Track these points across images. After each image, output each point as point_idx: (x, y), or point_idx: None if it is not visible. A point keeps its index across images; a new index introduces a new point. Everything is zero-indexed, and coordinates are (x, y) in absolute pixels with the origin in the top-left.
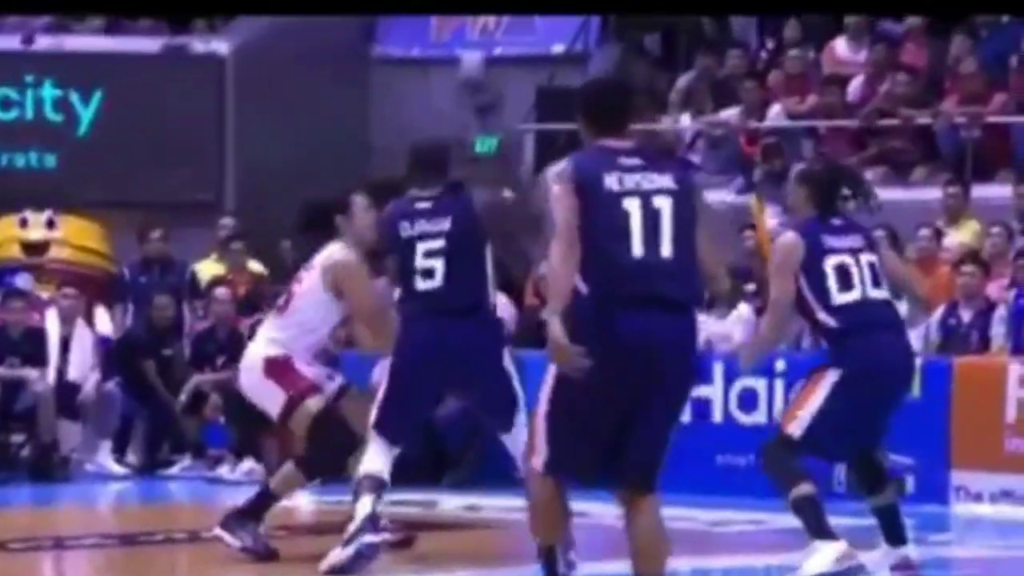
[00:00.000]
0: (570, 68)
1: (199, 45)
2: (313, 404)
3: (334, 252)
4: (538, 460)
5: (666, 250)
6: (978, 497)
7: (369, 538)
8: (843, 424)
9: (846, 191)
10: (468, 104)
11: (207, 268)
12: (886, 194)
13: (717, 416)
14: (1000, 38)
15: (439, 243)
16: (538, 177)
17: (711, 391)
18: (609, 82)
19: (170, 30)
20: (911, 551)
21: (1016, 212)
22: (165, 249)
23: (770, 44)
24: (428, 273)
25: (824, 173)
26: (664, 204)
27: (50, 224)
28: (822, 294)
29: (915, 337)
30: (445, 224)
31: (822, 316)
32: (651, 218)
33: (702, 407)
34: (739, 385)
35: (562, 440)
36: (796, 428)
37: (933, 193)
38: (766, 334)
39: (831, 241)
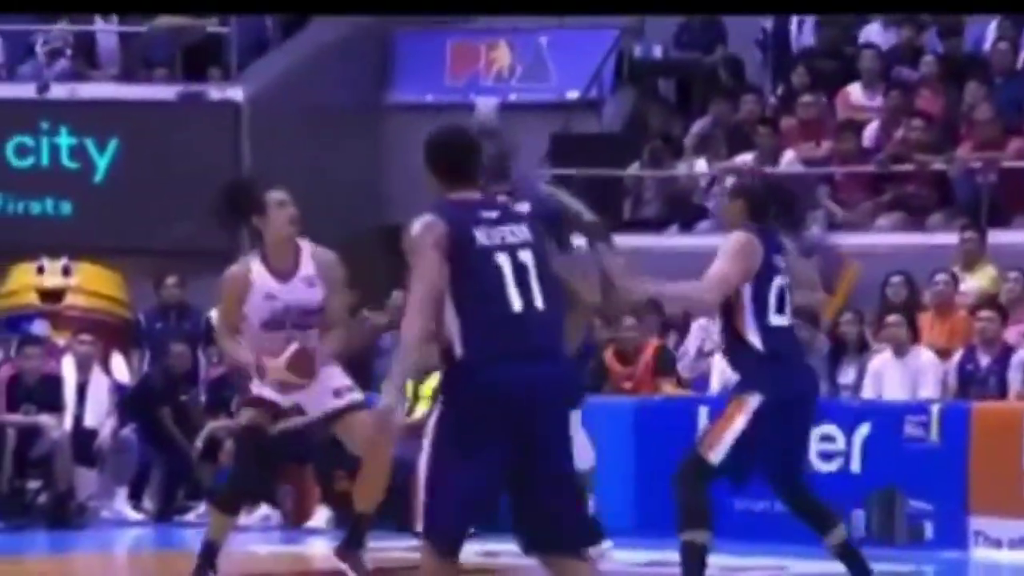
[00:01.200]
0: (585, 114)
1: (214, 92)
2: (243, 417)
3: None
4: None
5: (539, 302)
6: (997, 543)
7: None
8: (760, 450)
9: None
10: (483, 150)
11: None
12: (902, 240)
13: None
14: (1015, 84)
15: None
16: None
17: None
18: (455, 132)
19: (185, 77)
20: None
21: None
22: (181, 296)
23: (780, 90)
24: None
25: (760, 186)
26: (527, 257)
27: (66, 271)
28: (762, 311)
29: (932, 383)
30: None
31: (752, 337)
32: (520, 272)
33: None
34: None
35: (443, 503)
36: (715, 454)
37: (949, 239)
38: (693, 297)
39: (777, 260)
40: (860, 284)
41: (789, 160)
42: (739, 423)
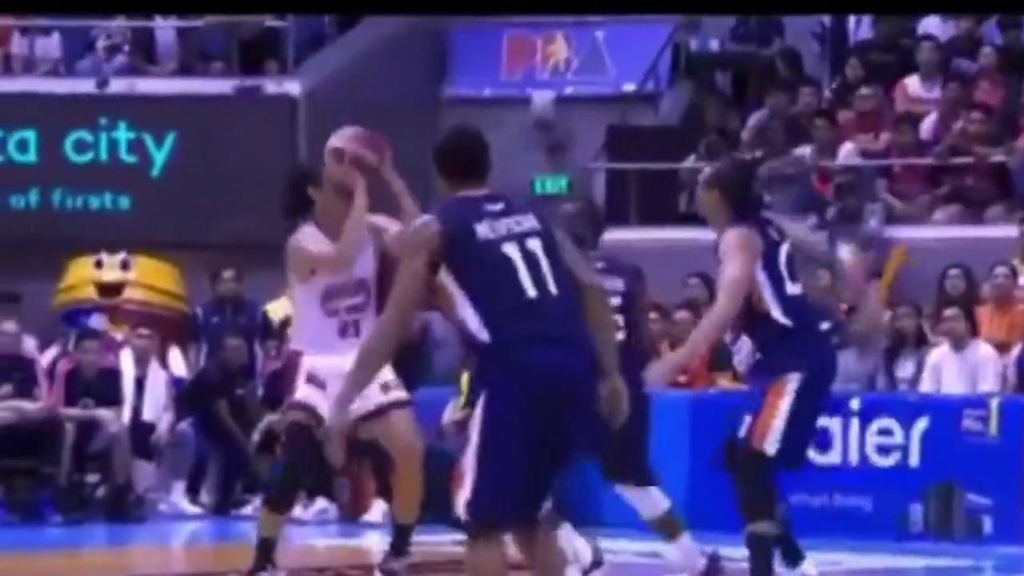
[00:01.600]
0: (641, 107)
1: (271, 86)
2: (290, 416)
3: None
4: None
5: (554, 288)
6: None
7: None
8: (805, 431)
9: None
10: (539, 143)
11: (279, 308)
12: (960, 232)
13: None
14: None
15: None
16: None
17: None
18: (462, 132)
19: (242, 72)
20: (809, 567)
21: None
22: (237, 289)
23: (837, 83)
24: None
25: (734, 174)
26: (536, 245)
27: (124, 265)
28: (779, 284)
29: (992, 377)
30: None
31: (775, 312)
32: (530, 259)
33: None
34: None
35: (493, 484)
36: (770, 445)
37: (1008, 231)
38: (719, 320)
39: (772, 234)
40: (918, 277)
41: (847, 152)
42: (784, 407)
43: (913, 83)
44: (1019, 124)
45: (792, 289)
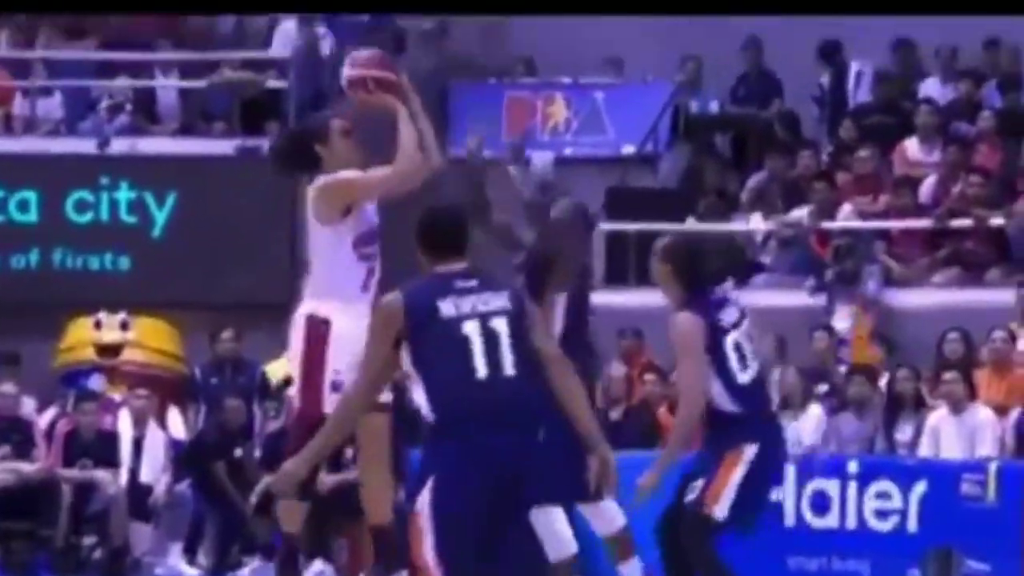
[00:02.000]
0: (640, 169)
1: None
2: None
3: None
4: None
5: (510, 369)
6: None
7: None
8: (757, 500)
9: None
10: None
11: (278, 368)
12: (959, 296)
13: (789, 519)
14: None
15: None
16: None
17: (783, 493)
18: (442, 208)
19: (243, 132)
20: None
21: None
22: (236, 350)
23: (836, 145)
24: None
25: (687, 249)
26: (500, 324)
27: (124, 326)
28: (727, 375)
29: (990, 441)
30: None
31: (726, 403)
32: (490, 339)
33: (774, 510)
34: (811, 488)
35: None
36: (720, 510)
37: (1007, 295)
38: (684, 427)
39: (722, 318)
40: (917, 341)
41: (846, 215)
42: (738, 474)
43: (912, 146)
44: (1018, 188)
45: (742, 378)
